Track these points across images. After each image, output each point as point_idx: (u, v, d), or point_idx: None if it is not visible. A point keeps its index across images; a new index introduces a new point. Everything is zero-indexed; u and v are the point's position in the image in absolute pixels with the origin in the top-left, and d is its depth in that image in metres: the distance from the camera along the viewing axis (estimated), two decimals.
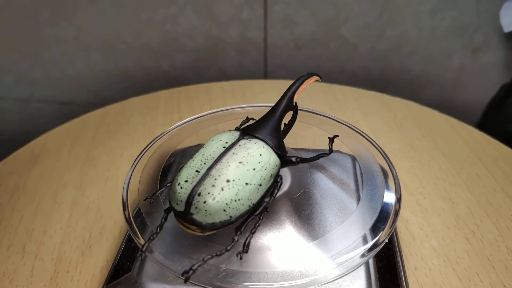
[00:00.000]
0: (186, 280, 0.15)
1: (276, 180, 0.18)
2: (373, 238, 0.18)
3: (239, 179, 0.16)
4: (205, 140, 0.24)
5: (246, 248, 0.17)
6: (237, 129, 0.20)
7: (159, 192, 0.18)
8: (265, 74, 0.51)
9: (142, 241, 0.18)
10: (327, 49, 0.48)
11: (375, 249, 0.17)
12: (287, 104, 0.20)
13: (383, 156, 0.23)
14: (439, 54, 0.47)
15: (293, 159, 0.19)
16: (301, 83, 0.20)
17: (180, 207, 0.16)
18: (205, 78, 0.51)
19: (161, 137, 0.24)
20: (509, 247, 0.25)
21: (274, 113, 0.20)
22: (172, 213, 0.17)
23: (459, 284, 0.22)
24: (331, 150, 0.21)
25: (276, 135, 0.19)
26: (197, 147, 0.23)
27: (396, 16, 0.44)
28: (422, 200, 0.28)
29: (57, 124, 0.38)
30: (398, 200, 0.20)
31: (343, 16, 0.45)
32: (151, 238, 0.16)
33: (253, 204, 0.17)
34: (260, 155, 0.18)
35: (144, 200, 0.17)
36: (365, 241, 0.18)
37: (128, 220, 0.19)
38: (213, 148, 0.18)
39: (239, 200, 0.16)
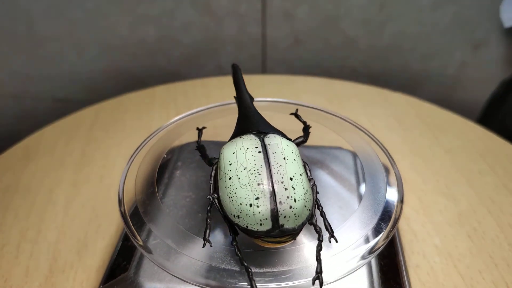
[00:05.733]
0: (321, 285, 0.15)
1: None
2: (375, 237, 0.17)
3: (295, 173, 0.16)
4: (203, 136, 0.23)
5: (331, 230, 0.16)
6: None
7: (208, 233, 0.16)
8: (264, 69, 0.50)
9: (139, 240, 0.18)
10: (326, 44, 0.47)
11: (378, 250, 0.17)
12: (249, 95, 0.21)
13: (384, 152, 0.22)
14: (440, 50, 0.47)
15: (301, 139, 0.20)
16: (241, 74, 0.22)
17: (266, 225, 0.15)
18: (203, 74, 0.50)
19: (158, 133, 0.24)
20: (511, 244, 0.24)
21: (249, 107, 0.20)
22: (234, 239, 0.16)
23: (461, 282, 0.22)
24: (305, 122, 0.22)
25: (271, 125, 0.19)
26: (194, 144, 0.23)
27: (397, 11, 0.44)
28: (424, 197, 0.28)
29: (51, 121, 0.37)
30: (401, 200, 0.19)
31: (343, 10, 0.44)
32: (250, 275, 0.15)
33: (311, 191, 0.17)
34: (287, 146, 0.18)
35: (203, 246, 0.16)
36: (367, 241, 0.17)
37: (124, 219, 0.19)
38: (250, 158, 0.17)
39: (307, 191, 0.16)
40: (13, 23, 0.45)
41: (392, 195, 0.20)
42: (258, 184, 0.16)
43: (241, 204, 0.15)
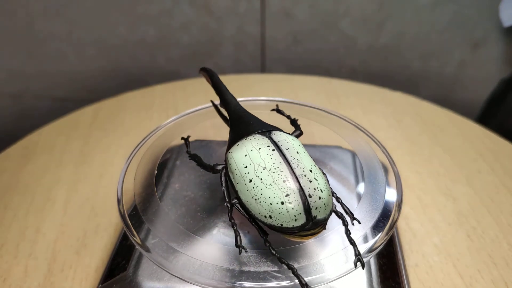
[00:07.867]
0: (363, 266, 0.15)
1: None
2: (374, 237, 0.17)
3: (311, 165, 0.17)
4: (203, 135, 0.23)
5: (352, 216, 0.17)
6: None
7: (240, 240, 0.16)
8: (263, 68, 0.50)
9: (137, 240, 0.18)
10: (326, 43, 0.47)
11: (377, 249, 0.17)
12: (233, 96, 0.21)
13: (383, 152, 0.22)
14: (439, 49, 0.47)
15: (298, 132, 0.21)
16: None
17: (301, 220, 0.15)
18: None
19: (156, 132, 0.24)
20: (510, 243, 0.24)
21: (238, 108, 0.20)
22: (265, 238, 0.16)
23: (460, 281, 0.22)
24: (290, 116, 0.22)
25: (268, 123, 0.19)
26: (193, 143, 0.23)
27: (396, 10, 0.44)
28: (423, 196, 0.28)
29: (50, 120, 0.37)
30: (400, 199, 0.19)
31: (342, 9, 0.44)
32: (295, 271, 0.15)
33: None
34: (293, 140, 0.18)
35: (239, 254, 0.16)
36: (365, 240, 0.17)
37: (123, 218, 0.19)
38: (266, 157, 0.17)
39: (326, 180, 0.17)
40: (13, 22, 0.45)
41: (391, 194, 0.20)
42: (284, 181, 0.16)
43: (271, 203, 0.15)
